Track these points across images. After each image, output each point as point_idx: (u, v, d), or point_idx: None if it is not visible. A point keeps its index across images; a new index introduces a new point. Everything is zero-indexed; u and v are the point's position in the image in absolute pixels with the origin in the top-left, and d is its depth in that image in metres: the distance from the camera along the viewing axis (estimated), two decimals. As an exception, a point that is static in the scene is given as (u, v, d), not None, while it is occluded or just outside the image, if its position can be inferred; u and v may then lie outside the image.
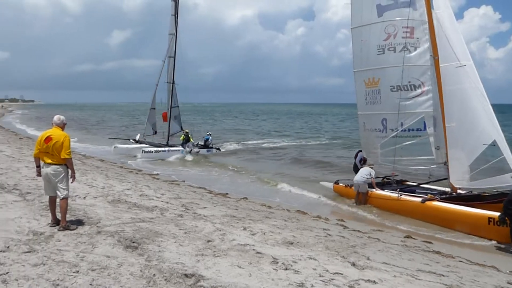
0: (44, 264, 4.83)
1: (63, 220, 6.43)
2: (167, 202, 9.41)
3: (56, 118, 6.63)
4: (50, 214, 6.67)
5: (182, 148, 22.71)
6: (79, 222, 6.86)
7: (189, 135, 23.58)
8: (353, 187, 12.26)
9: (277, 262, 5.43)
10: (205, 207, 9.33)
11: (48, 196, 6.64)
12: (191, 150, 22.58)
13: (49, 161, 6.33)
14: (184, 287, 4.47)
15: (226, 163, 19.57)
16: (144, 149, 20.67)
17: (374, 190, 11.80)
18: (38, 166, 6.56)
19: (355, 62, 12.83)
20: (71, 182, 6.65)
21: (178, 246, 5.93)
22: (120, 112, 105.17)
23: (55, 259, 5.02)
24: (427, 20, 11.09)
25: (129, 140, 24.99)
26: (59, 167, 6.35)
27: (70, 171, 6.52)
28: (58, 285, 4.28)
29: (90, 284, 4.34)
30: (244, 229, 7.35)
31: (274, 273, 5.03)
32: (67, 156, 6.33)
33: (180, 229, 6.91)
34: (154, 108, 24.18)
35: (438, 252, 7.50)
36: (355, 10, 12.62)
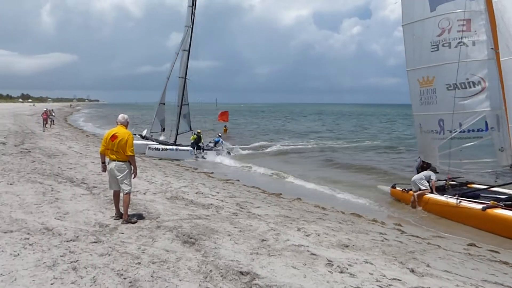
0: (109, 255, 5.13)
1: (125, 213, 6.79)
2: (222, 201, 9.61)
3: (120, 117, 7.00)
4: (114, 208, 7.07)
5: (191, 148, 21.58)
6: (140, 216, 7.21)
7: (200, 136, 22.56)
8: (410, 191, 11.80)
9: (332, 265, 5.36)
10: (259, 207, 9.42)
11: (112, 191, 7.04)
12: (198, 154, 21.42)
13: (114, 157, 6.70)
14: (239, 284, 4.55)
15: (269, 165, 19.55)
16: (150, 145, 19.46)
17: (432, 194, 11.20)
18: (104, 162, 6.96)
19: (408, 60, 12.25)
20: (133, 178, 6.99)
21: (233, 244, 6.04)
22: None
23: (119, 250, 5.32)
24: (485, 9, 10.26)
25: (135, 135, 24.09)
26: (123, 163, 6.71)
27: (132, 168, 6.86)
28: (122, 275, 4.53)
29: (151, 276, 4.55)
30: (298, 229, 7.33)
31: (329, 276, 4.98)
32: (130, 154, 6.67)
33: (235, 227, 7.03)
34: (164, 103, 22.73)
35: (505, 263, 7.00)
36: (406, 6, 12.02)
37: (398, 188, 12.71)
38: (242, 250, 5.77)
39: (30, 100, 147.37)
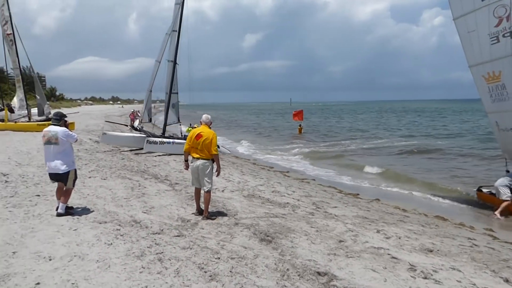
0: (191, 248, 5.38)
1: (206, 211, 7.07)
2: (298, 200, 9.59)
3: (204, 117, 7.31)
4: (194, 204, 7.40)
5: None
6: (219, 213, 7.46)
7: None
8: (478, 192, 10.72)
9: (415, 270, 5.10)
10: (335, 207, 9.25)
11: (194, 188, 7.36)
12: None
13: (198, 156, 7.00)
14: (317, 284, 4.51)
15: (352, 164, 19.03)
16: (149, 139, 17.01)
17: None
18: (187, 160, 7.30)
19: (467, 56, 11.07)
20: (216, 176, 7.24)
21: (310, 244, 6.00)
22: (256, 111, 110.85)
23: (199, 245, 5.55)
24: None
25: (127, 126, 21.96)
26: (207, 162, 6.98)
27: (215, 166, 7.10)
28: (202, 268, 4.72)
29: (230, 271, 4.68)
30: (378, 231, 7.06)
31: (411, 281, 4.74)
32: (215, 152, 6.94)
33: (311, 227, 6.98)
34: (151, 91, 19.55)
35: None
36: None
37: (485, 191, 11.65)
38: (319, 250, 5.71)
39: (119, 102, 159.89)
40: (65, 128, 6.76)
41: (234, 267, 4.83)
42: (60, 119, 6.83)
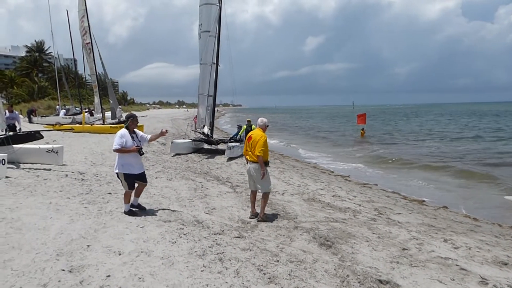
0: (250, 250, 5.46)
1: (261, 212, 7.12)
2: (359, 205, 9.35)
3: (260, 120, 7.39)
4: (254, 205, 7.48)
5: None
6: (279, 216, 7.49)
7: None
8: None
9: (487, 283, 4.77)
10: (399, 213, 8.90)
11: (250, 190, 7.46)
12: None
13: (250, 158, 7.10)
14: (378, 293, 4.38)
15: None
16: (229, 145, 16.10)
17: None
18: (247, 163, 7.41)
19: None
20: (261, 179, 7.03)
21: (371, 250, 5.83)
22: (323, 115, 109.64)
23: (259, 247, 5.62)
24: None
25: (200, 133, 18.99)
26: (257, 165, 7.01)
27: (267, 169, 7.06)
28: (261, 270, 4.78)
29: (289, 274, 4.69)
30: (445, 241, 6.69)
31: (483, 296, 4.44)
32: (258, 153, 6.87)
33: (373, 233, 6.78)
34: (211, 96, 18.04)
35: None
36: None
37: None
38: (381, 258, 5.54)
39: (184, 106, 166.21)
40: (118, 132, 6.75)
41: (293, 270, 4.83)
42: (126, 121, 6.84)
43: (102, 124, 25.44)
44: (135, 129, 6.87)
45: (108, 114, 27.18)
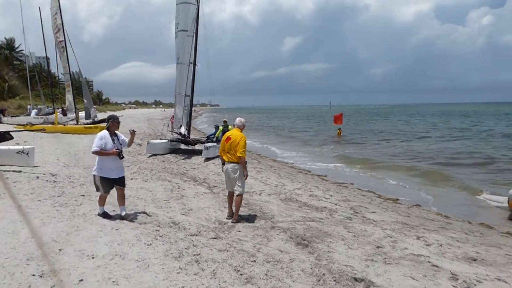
0: (227, 251, 5.45)
1: (236, 214, 7.09)
2: (336, 204, 9.47)
3: (237, 120, 7.37)
4: (231, 206, 7.45)
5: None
6: (256, 216, 7.49)
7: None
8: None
9: (457, 279, 4.90)
10: (374, 212, 9.06)
11: (228, 191, 7.43)
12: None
13: (227, 158, 7.06)
14: (353, 290, 4.44)
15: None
16: (206, 145, 16.07)
17: None
18: (223, 164, 7.34)
19: None
20: (245, 179, 7.19)
21: (347, 249, 5.91)
22: (301, 115, 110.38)
23: (236, 247, 5.61)
24: None
25: (177, 133, 18.67)
26: (236, 165, 6.99)
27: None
28: (239, 271, 4.77)
29: (266, 275, 4.70)
30: (418, 238, 6.85)
31: (453, 291, 4.56)
32: (240, 155, 6.88)
33: (349, 232, 6.87)
34: (189, 96, 17.84)
35: None
36: None
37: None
38: (356, 256, 5.62)
39: (161, 106, 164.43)
40: (98, 133, 6.58)
41: (269, 270, 4.84)
42: (107, 122, 6.64)
43: (76, 125, 24.89)
44: (117, 132, 6.64)
45: (82, 114, 26.59)
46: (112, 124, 6.56)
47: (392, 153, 24.83)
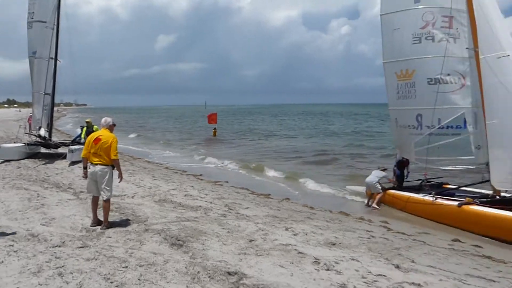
0: (96, 259, 5.11)
1: (106, 220, 6.68)
2: (211, 202, 9.61)
3: (103, 120, 6.90)
4: (99, 212, 6.95)
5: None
6: (128, 220, 7.18)
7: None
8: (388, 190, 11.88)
9: (319, 263, 5.41)
10: (247, 207, 9.44)
11: (92, 196, 6.86)
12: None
13: (97, 161, 6.56)
14: (227, 284, 4.57)
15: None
16: (71, 148, 14.88)
17: (411, 194, 11.01)
18: (85, 168, 6.77)
19: (385, 52, 11.91)
20: (119, 182, 6.90)
21: (221, 245, 6.05)
22: (175, 114, 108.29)
23: (106, 255, 5.30)
24: (467, 9, 10.19)
25: (36, 136, 16.87)
26: (106, 167, 6.57)
27: (118, 172, 6.73)
28: (109, 279, 4.52)
29: (138, 279, 4.54)
30: (286, 229, 7.37)
31: (315, 273, 5.02)
32: (115, 157, 6.54)
33: (223, 229, 7.04)
34: (49, 94, 16.53)
35: (488, 257, 7.11)
36: None
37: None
38: (230, 251, 5.79)
39: (16, 105, 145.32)
40: None
41: (142, 274, 4.69)
42: None
43: None
44: None
45: None
46: None
47: (265, 150, 26.28)
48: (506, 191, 9.83)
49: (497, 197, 9.72)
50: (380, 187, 11.71)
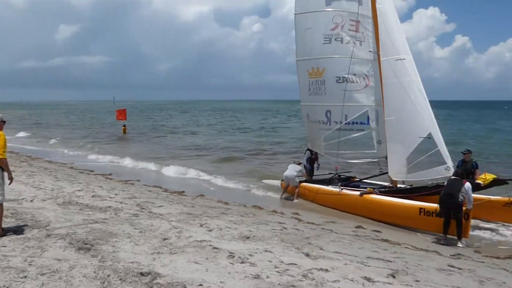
0: (-12, 272, 4.60)
1: None
2: (121, 202, 9.20)
3: None
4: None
5: None
6: (27, 226, 6.56)
7: None
8: (283, 181, 12.64)
9: (234, 256, 5.49)
10: (161, 206, 9.22)
11: None
12: None
13: None
14: (140, 285, 4.42)
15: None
16: None
17: (320, 186, 11.82)
18: None
19: (298, 50, 12.51)
20: (9, 184, 6.16)
21: (133, 246, 5.84)
22: (80, 110, 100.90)
23: (0, 265, 4.80)
24: (371, 15, 11.15)
25: None
26: None
27: (6, 174, 6.01)
28: (4, 291, 4.11)
29: (40, 289, 4.20)
30: (201, 225, 7.35)
31: (230, 267, 5.09)
32: (1, 157, 5.86)
33: (135, 229, 6.79)
34: None
35: (386, 240, 7.86)
36: None
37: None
38: (143, 251, 5.61)
39: None
40: None
41: (45, 283, 4.33)
42: None
43: None
44: None
45: None
46: None
47: (176, 146, 25.89)
48: (403, 182, 11.02)
49: (394, 187, 10.80)
50: (298, 181, 12.25)
